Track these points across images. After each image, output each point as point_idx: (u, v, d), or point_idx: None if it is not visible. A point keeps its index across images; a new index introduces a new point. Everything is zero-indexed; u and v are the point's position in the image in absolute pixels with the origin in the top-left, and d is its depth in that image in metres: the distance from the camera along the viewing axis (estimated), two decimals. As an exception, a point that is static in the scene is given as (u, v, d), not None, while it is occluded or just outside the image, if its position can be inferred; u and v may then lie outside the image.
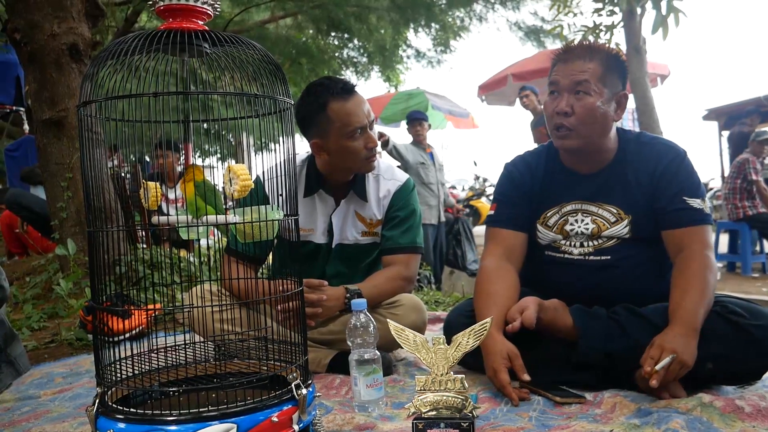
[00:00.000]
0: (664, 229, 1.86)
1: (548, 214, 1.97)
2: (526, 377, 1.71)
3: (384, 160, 2.34)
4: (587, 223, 1.91)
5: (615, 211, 1.89)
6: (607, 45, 1.90)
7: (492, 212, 2.07)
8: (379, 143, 2.10)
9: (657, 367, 1.55)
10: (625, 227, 1.87)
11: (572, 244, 1.93)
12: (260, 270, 2.19)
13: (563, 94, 1.84)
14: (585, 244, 1.91)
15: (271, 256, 2.25)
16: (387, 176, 2.25)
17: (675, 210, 1.83)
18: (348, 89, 2.06)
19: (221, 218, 1.26)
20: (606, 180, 1.92)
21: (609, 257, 1.89)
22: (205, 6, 1.24)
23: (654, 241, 1.88)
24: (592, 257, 1.90)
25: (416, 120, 6.03)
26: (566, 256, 1.94)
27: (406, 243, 2.18)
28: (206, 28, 1.25)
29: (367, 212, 2.20)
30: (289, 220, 1.38)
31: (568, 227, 1.93)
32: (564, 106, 1.82)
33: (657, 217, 1.86)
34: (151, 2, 1.25)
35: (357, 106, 2.06)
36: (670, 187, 1.84)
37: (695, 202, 1.82)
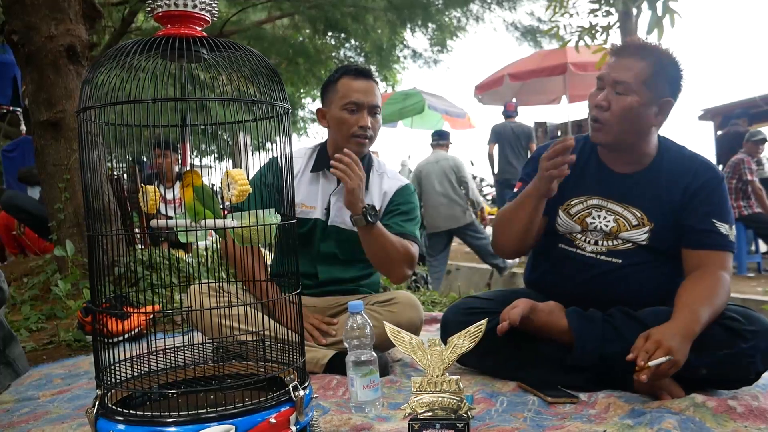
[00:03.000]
0: (687, 247, 1.85)
1: (572, 202, 1.97)
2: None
3: (389, 165, 2.42)
4: (609, 221, 1.91)
5: (639, 215, 1.88)
6: (665, 48, 1.88)
7: (516, 190, 2.06)
8: (370, 130, 2.19)
9: (650, 364, 1.54)
10: (645, 233, 1.87)
11: (587, 239, 1.93)
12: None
13: (605, 89, 1.84)
14: (600, 242, 1.91)
15: (269, 254, 2.30)
16: (391, 176, 2.36)
17: (701, 230, 1.83)
18: (362, 72, 2.25)
19: (219, 222, 1.27)
20: (638, 183, 1.91)
21: (620, 260, 1.89)
22: (203, 12, 1.25)
23: (669, 255, 1.88)
24: (603, 257, 1.91)
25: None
26: (578, 251, 1.94)
27: (406, 231, 2.22)
28: (204, 34, 1.27)
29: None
30: (286, 224, 1.39)
31: (589, 220, 1.93)
32: (601, 100, 1.83)
33: (682, 234, 1.86)
34: (149, 8, 1.26)
35: (363, 85, 2.22)
36: (702, 207, 1.84)
37: (723, 227, 1.82)
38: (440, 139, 6.74)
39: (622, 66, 1.82)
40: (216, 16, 1.30)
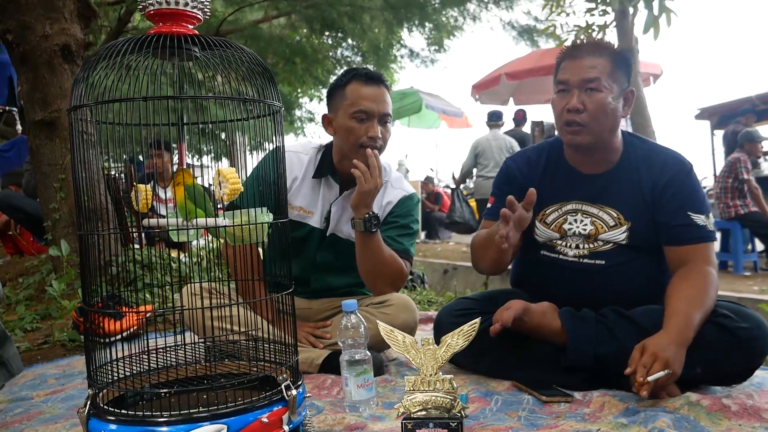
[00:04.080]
0: (667, 244, 1.84)
1: (548, 212, 1.97)
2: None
3: (395, 172, 2.37)
4: (586, 224, 1.91)
5: (615, 215, 1.89)
6: (611, 43, 1.89)
7: (489, 206, 2.09)
8: (380, 140, 2.13)
9: (649, 379, 1.53)
10: (623, 233, 1.87)
11: (568, 244, 1.93)
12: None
13: (573, 91, 1.83)
14: (581, 245, 1.91)
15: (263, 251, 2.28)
16: (396, 185, 2.29)
17: (678, 226, 1.82)
18: (372, 77, 2.13)
19: (211, 221, 1.27)
20: (609, 182, 1.92)
21: (603, 261, 1.89)
22: (194, 10, 1.25)
23: (650, 251, 1.87)
24: (586, 260, 1.91)
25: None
26: (561, 257, 1.94)
27: (402, 248, 2.19)
28: (196, 32, 1.26)
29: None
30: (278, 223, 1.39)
31: (566, 226, 1.93)
32: (576, 103, 1.82)
33: (660, 231, 1.85)
34: (141, 6, 1.25)
35: (372, 93, 2.11)
36: (675, 201, 1.83)
37: (699, 219, 1.82)
38: (497, 120, 7.80)
39: (586, 65, 1.82)
40: (208, 14, 1.29)
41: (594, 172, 1.94)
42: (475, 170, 7.85)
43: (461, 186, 8.99)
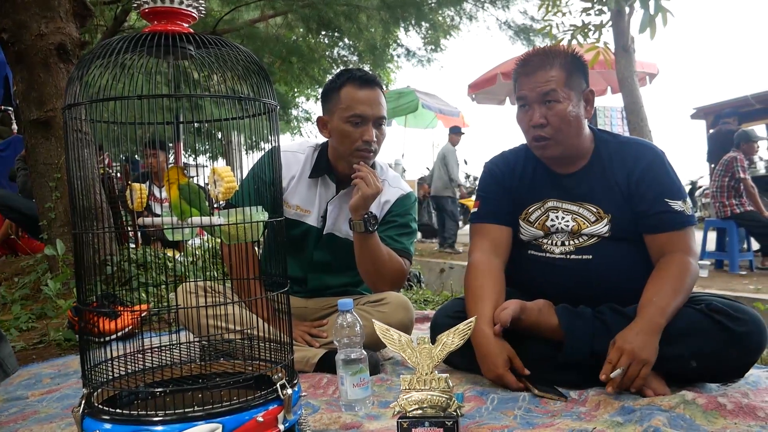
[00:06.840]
0: (647, 233, 1.86)
1: (530, 210, 1.99)
2: (527, 372, 1.76)
3: (392, 171, 2.39)
4: (567, 221, 1.92)
5: (595, 210, 1.90)
6: (565, 46, 1.90)
7: (475, 209, 2.10)
8: (375, 144, 2.14)
9: (612, 375, 1.58)
10: (605, 226, 1.88)
11: (553, 242, 1.94)
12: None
13: (533, 107, 1.86)
14: (566, 242, 1.92)
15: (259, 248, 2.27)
16: (393, 184, 2.30)
17: (657, 213, 1.83)
18: (366, 80, 2.13)
19: (206, 220, 1.27)
20: (585, 179, 1.93)
21: (590, 256, 1.89)
22: (189, 9, 1.24)
23: (635, 241, 1.88)
24: (573, 256, 1.91)
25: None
26: (548, 255, 1.95)
27: (402, 248, 2.20)
28: (191, 30, 1.26)
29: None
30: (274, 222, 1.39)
31: (549, 223, 1.94)
32: (538, 118, 1.84)
33: (639, 221, 1.87)
34: (136, 4, 1.25)
35: (367, 97, 2.11)
36: (651, 190, 1.85)
37: (677, 204, 1.83)
38: (450, 132, 9.52)
39: (540, 79, 1.84)
40: (203, 12, 1.29)
41: (570, 171, 1.96)
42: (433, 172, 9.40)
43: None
